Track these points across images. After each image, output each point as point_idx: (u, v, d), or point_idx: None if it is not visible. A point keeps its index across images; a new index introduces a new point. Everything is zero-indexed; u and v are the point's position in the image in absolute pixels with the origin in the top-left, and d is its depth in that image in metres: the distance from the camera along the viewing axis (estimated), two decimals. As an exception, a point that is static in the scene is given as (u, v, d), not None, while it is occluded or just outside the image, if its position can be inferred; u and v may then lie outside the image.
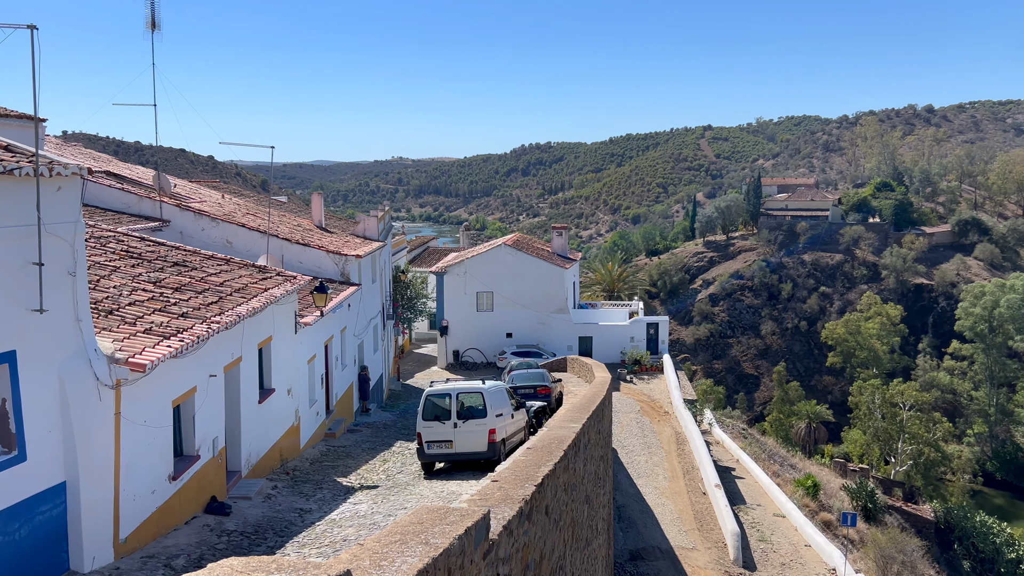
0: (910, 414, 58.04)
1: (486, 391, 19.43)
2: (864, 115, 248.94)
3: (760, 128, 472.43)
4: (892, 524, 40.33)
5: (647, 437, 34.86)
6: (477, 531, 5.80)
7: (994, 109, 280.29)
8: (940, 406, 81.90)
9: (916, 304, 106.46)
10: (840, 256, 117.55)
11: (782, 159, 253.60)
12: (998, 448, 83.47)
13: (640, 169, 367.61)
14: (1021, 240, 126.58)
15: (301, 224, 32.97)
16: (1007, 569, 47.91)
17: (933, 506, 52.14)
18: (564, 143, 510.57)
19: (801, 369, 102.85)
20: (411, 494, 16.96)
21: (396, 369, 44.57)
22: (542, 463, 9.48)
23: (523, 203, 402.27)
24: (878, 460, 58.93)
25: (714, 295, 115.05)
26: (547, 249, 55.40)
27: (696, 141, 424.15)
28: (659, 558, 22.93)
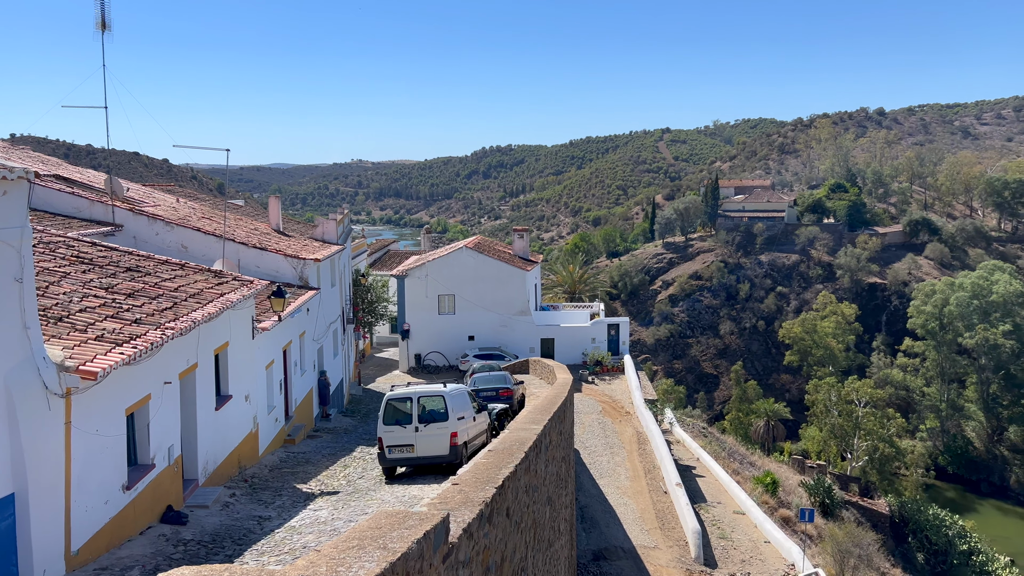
0: (865, 411, 59.26)
1: (447, 394, 19.37)
2: (818, 118, 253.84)
3: (717, 131, 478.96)
4: (849, 519, 41.14)
5: (609, 437, 35.07)
6: (436, 535, 5.77)
7: (942, 112, 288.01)
8: (894, 402, 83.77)
9: (870, 303, 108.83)
10: (796, 256, 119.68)
11: (739, 161, 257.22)
12: (949, 442, 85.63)
13: (600, 171, 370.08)
14: (969, 240, 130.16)
15: (258, 228, 32.53)
16: (959, 560, 49.18)
17: (888, 500, 53.30)
18: (525, 146, 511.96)
19: (759, 368, 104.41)
20: (372, 499, 16.83)
21: (357, 374, 44.20)
22: (503, 465, 9.47)
23: (484, 206, 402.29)
24: (835, 456, 60.07)
25: (674, 296, 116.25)
26: (508, 251, 55.45)
27: (655, 144, 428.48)
28: (622, 557, 23.07)
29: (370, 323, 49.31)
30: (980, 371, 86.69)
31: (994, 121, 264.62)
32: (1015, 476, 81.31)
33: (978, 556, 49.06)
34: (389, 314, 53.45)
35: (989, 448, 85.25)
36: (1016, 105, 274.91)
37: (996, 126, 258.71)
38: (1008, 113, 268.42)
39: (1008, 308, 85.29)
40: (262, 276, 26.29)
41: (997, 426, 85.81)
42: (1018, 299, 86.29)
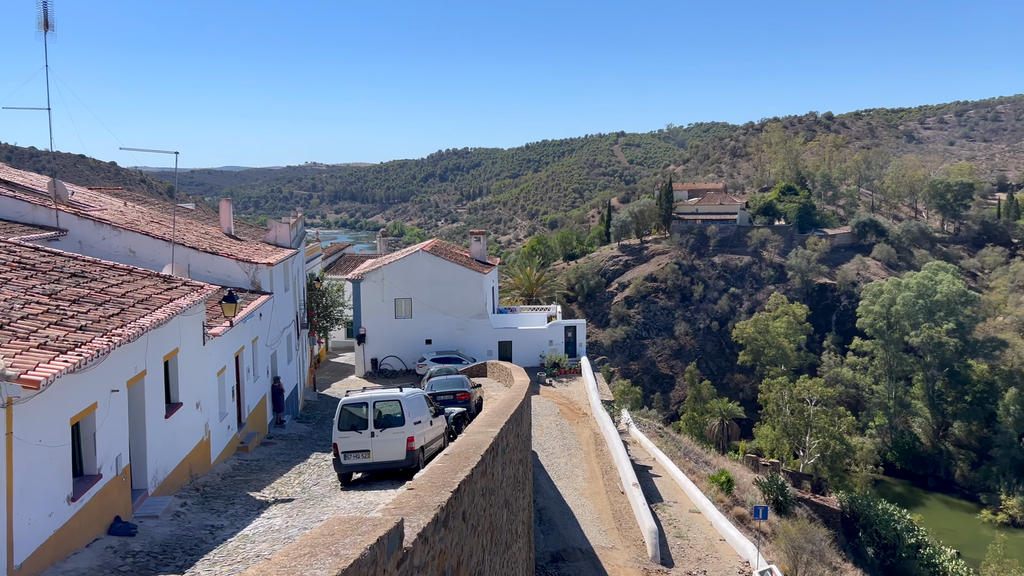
0: (816, 409, 60.46)
1: (404, 399, 19.25)
2: (769, 122, 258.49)
3: (671, 135, 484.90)
4: (802, 515, 41.90)
5: (566, 439, 35.20)
6: (390, 540, 5.72)
7: (887, 117, 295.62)
8: (844, 400, 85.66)
9: (820, 303, 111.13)
10: (748, 258, 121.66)
11: (692, 164, 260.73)
12: (897, 439, 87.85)
13: (557, 175, 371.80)
14: (914, 241, 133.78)
15: (209, 232, 31.94)
16: (908, 553, 50.41)
17: (839, 496, 54.43)
18: (481, 149, 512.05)
19: (713, 368, 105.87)
20: (327, 506, 16.63)
21: (312, 379, 43.68)
22: (459, 469, 9.44)
23: (441, 209, 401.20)
24: (788, 454, 61.16)
25: (630, 297, 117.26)
26: (466, 254, 55.35)
27: (610, 147, 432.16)
28: (580, 559, 23.16)
29: (325, 328, 48.79)
30: (926, 369, 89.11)
31: (937, 126, 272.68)
32: (960, 470, 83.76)
33: (925, 549, 50.37)
34: (345, 318, 52.94)
35: (935, 444, 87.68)
36: (957, 111, 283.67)
37: (939, 131, 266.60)
38: (950, 118, 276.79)
39: (951, 307, 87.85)
40: (213, 281, 25.83)
41: (942, 422, 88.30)
42: (960, 298, 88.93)
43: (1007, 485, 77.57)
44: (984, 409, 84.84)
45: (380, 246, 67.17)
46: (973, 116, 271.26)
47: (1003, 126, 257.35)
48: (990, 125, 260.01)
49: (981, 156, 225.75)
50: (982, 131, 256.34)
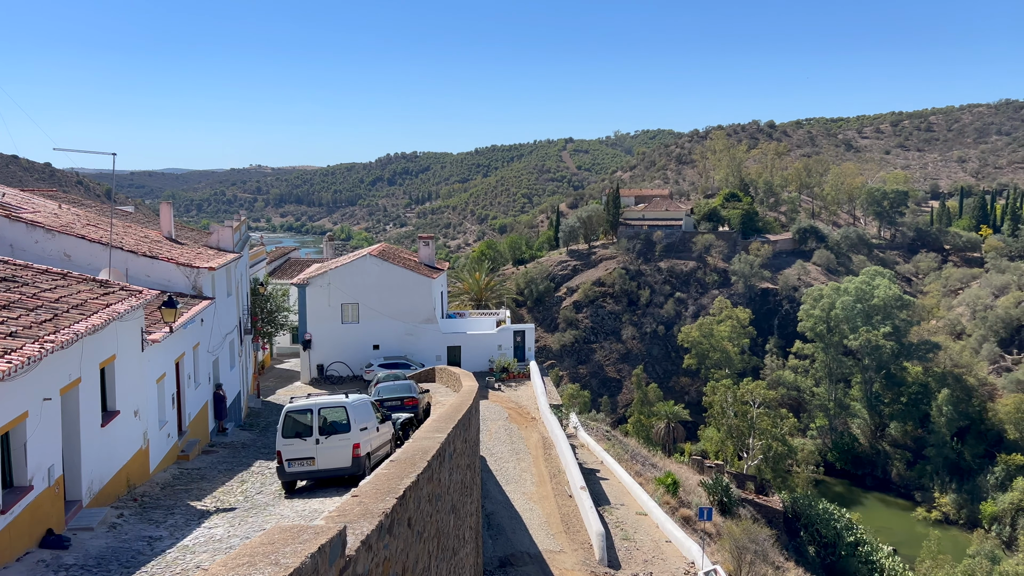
0: (759, 411, 61.65)
1: (349, 405, 19.02)
2: (713, 129, 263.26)
3: (618, 141, 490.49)
4: (746, 516, 42.65)
5: (515, 443, 35.23)
6: (332, 548, 5.64)
7: (827, 126, 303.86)
8: (786, 402, 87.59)
9: (763, 307, 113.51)
10: (693, 263, 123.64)
11: (639, 171, 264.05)
12: (837, 439, 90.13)
13: (506, 180, 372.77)
14: (853, 246, 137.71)
15: (149, 235, 31.13)
16: (847, 551, 51.72)
17: (782, 497, 55.57)
18: (430, 153, 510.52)
19: (660, 371, 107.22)
20: (271, 515, 16.33)
21: (256, 386, 42.89)
22: (405, 475, 9.36)
23: (389, 213, 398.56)
24: (732, 456, 62.19)
25: (578, 302, 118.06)
26: (414, 259, 55.03)
27: (558, 153, 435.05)
28: (528, 563, 23.17)
29: (270, 333, 47.96)
30: (864, 371, 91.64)
31: (873, 135, 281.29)
32: (896, 470, 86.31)
33: (864, 547, 51.75)
34: (290, 324, 52.12)
35: (873, 444, 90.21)
36: (893, 120, 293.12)
37: (875, 140, 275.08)
38: (886, 128, 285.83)
39: (888, 311, 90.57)
40: (152, 286, 25.19)
41: (879, 423, 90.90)
42: (896, 303, 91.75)
43: (940, 483, 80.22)
44: (919, 410, 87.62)
45: (327, 250, 66.35)
46: (907, 126, 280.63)
47: (935, 136, 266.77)
48: (923, 135, 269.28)
49: (915, 165, 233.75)
50: (916, 141, 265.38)
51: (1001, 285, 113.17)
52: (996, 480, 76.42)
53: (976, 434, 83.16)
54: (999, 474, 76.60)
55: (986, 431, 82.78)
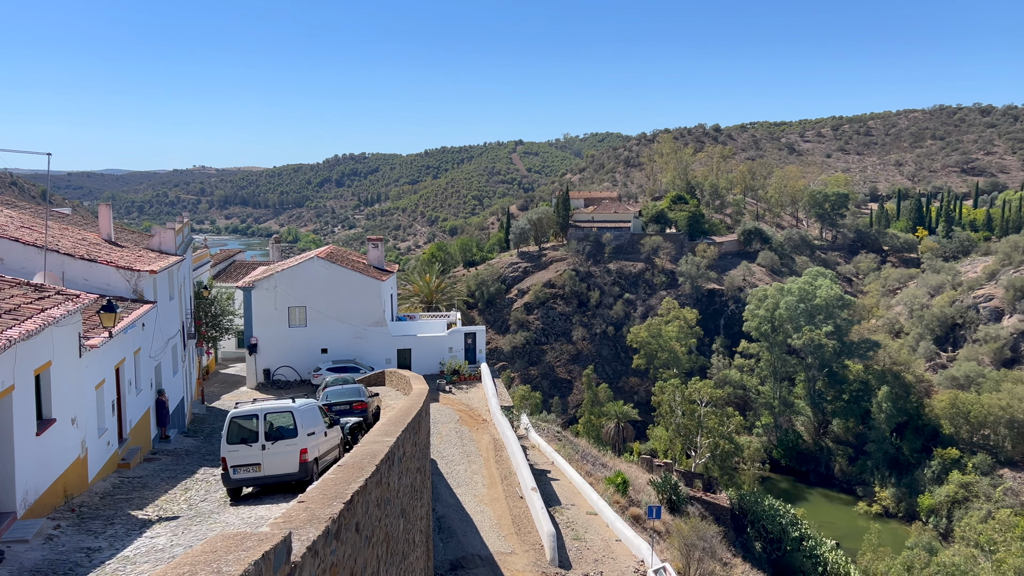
0: (706, 410, 62.63)
1: (296, 410, 18.75)
2: (660, 132, 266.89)
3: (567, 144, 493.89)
4: (694, 513, 43.27)
5: (466, 446, 35.15)
6: (277, 555, 5.54)
7: (770, 129, 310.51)
8: (732, 401, 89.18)
9: (709, 307, 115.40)
10: (642, 264, 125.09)
11: (588, 173, 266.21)
12: (782, 437, 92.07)
13: (456, 181, 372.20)
14: (796, 248, 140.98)
15: (87, 238, 30.21)
16: (792, 546, 52.86)
17: (729, 494, 56.53)
18: (379, 154, 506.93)
19: (610, 372, 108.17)
20: (216, 522, 15.99)
21: (200, 391, 41.97)
22: (353, 480, 9.25)
23: (338, 214, 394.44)
24: (680, 454, 63.07)
25: (529, 304, 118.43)
26: (363, 261, 54.50)
27: (508, 155, 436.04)
28: (479, 565, 23.12)
29: (214, 338, 46.96)
30: (807, 369, 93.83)
31: (815, 139, 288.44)
32: (838, 465, 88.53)
33: (808, 541, 52.95)
34: (235, 328, 51.12)
35: (816, 440, 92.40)
36: (833, 124, 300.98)
37: (817, 143, 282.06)
38: (827, 132, 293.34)
39: (830, 311, 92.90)
40: (91, 290, 24.46)
41: (822, 420, 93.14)
42: (838, 303, 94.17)
43: (880, 478, 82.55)
44: (860, 407, 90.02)
45: (273, 253, 65.33)
46: (847, 130, 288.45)
47: (874, 140, 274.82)
48: (863, 139, 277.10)
49: (855, 168, 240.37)
50: (856, 145, 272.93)
51: (936, 285, 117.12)
52: (933, 474, 78.96)
53: (914, 429, 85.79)
54: (935, 468, 79.17)
55: (923, 426, 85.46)
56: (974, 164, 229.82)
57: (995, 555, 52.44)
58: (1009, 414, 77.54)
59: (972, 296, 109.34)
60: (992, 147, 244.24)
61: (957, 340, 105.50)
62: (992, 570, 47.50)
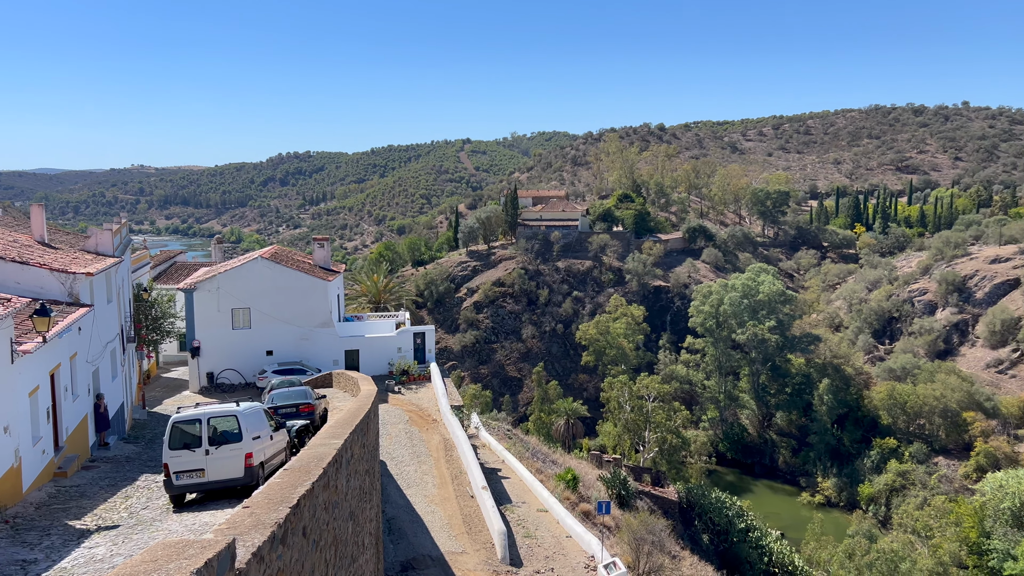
0: (654, 405, 63.46)
1: (241, 414, 18.39)
2: (607, 132, 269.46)
3: (515, 143, 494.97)
4: (643, 508, 43.76)
5: (416, 446, 34.94)
6: (220, 562, 5.41)
7: (713, 129, 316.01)
8: (679, 396, 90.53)
9: (656, 304, 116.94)
10: (590, 262, 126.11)
11: (536, 172, 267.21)
12: (727, 430, 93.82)
13: (403, 180, 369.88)
14: (739, 245, 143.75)
15: (19, 240, 29.14)
16: (738, 538, 53.82)
17: (677, 488, 57.34)
18: (324, 153, 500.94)
19: (559, 369, 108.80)
20: (158, 530, 15.60)
21: (140, 396, 40.87)
22: (299, 483, 9.10)
23: (282, 214, 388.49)
24: (629, 449, 63.80)
25: (478, 303, 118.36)
26: (308, 261, 53.73)
27: (456, 154, 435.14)
28: (430, 566, 23.01)
29: (155, 341, 45.79)
30: (751, 364, 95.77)
31: (757, 138, 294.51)
32: (782, 457, 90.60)
33: (754, 532, 54.01)
34: (177, 331, 49.92)
35: (760, 433, 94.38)
36: (774, 124, 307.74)
37: (759, 142, 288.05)
38: (768, 131, 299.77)
39: (772, 306, 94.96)
40: (23, 293, 23.61)
41: (766, 413, 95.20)
42: (780, 298, 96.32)
43: (823, 468, 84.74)
44: (802, 399, 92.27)
45: (215, 253, 63.98)
46: (788, 130, 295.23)
47: (813, 139, 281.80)
48: (802, 138, 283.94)
49: (795, 166, 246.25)
50: (796, 144, 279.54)
51: (874, 280, 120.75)
52: (872, 463, 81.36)
53: (854, 421, 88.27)
54: (875, 458, 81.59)
55: (862, 418, 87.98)
56: (908, 162, 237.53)
57: (931, 540, 54.32)
58: (943, 404, 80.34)
59: (907, 290, 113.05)
60: (925, 146, 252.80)
61: (894, 333, 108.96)
62: (928, 555, 49.15)
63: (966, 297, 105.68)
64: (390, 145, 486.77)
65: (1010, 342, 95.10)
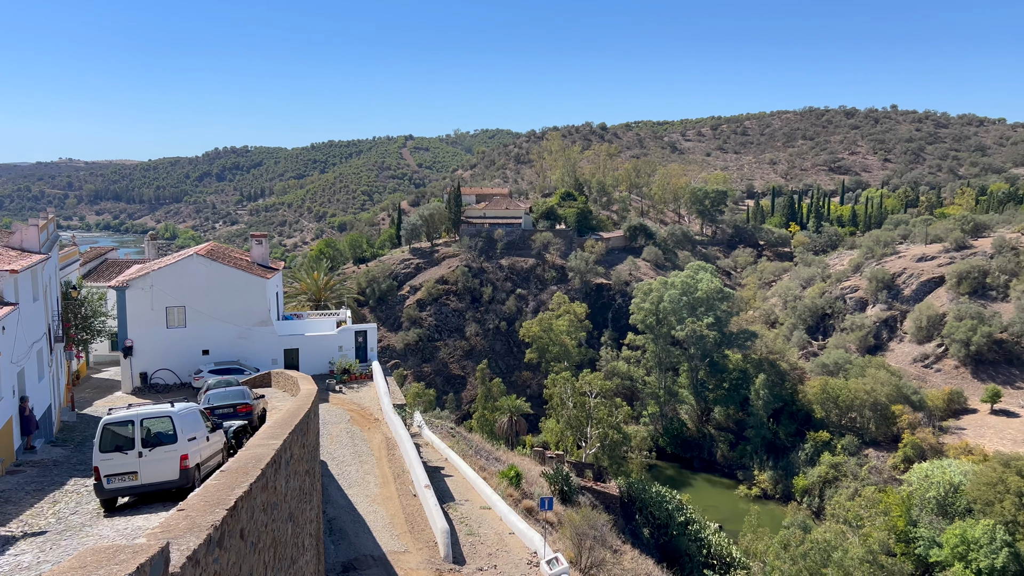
0: (596, 401, 64.07)
1: (175, 415, 17.92)
2: (549, 130, 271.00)
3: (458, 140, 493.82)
4: (585, 503, 44.17)
5: (357, 446, 34.58)
6: (153, 567, 5.25)
7: (654, 129, 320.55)
8: (620, 392, 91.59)
9: (598, 301, 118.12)
10: (533, 260, 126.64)
11: (479, 170, 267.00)
12: (667, 425, 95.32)
13: (344, 176, 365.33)
14: (678, 243, 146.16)
15: (-63, 234, 27.84)
16: (678, 531, 54.78)
17: (618, 483, 58.02)
18: (263, 148, 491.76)
19: (503, 366, 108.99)
20: (88, 535, 15.09)
21: (69, 398, 39.47)
22: (236, 485, 8.92)
23: (219, 210, 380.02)
24: (572, 445, 64.27)
25: (422, 300, 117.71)
26: (246, 259, 52.65)
27: (399, 150, 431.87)
28: (372, 566, 22.80)
29: (85, 341, 44.25)
30: (690, 360, 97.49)
31: (696, 138, 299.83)
32: (720, 451, 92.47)
33: (693, 526, 55.05)
34: (108, 330, 48.36)
35: (699, 428, 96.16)
36: (713, 124, 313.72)
37: (697, 142, 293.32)
38: (706, 131, 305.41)
39: (710, 303, 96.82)
40: (-58, 290, 22.53)
41: (705, 408, 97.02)
42: (718, 295, 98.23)
43: (759, 462, 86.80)
44: (739, 394, 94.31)
45: (149, 250, 62.24)
46: (726, 130, 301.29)
47: (750, 140, 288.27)
48: (740, 139, 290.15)
49: (733, 166, 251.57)
50: (733, 144, 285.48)
51: (808, 277, 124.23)
52: (806, 456, 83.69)
53: (789, 415, 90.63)
54: (808, 450, 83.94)
55: (797, 412, 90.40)
56: (840, 163, 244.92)
57: (862, 530, 56.18)
58: (873, 398, 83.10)
59: (840, 287, 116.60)
60: (856, 147, 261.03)
61: (827, 329, 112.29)
62: (859, 544, 50.79)
63: (894, 294, 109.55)
64: (331, 141, 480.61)
65: (935, 337, 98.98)
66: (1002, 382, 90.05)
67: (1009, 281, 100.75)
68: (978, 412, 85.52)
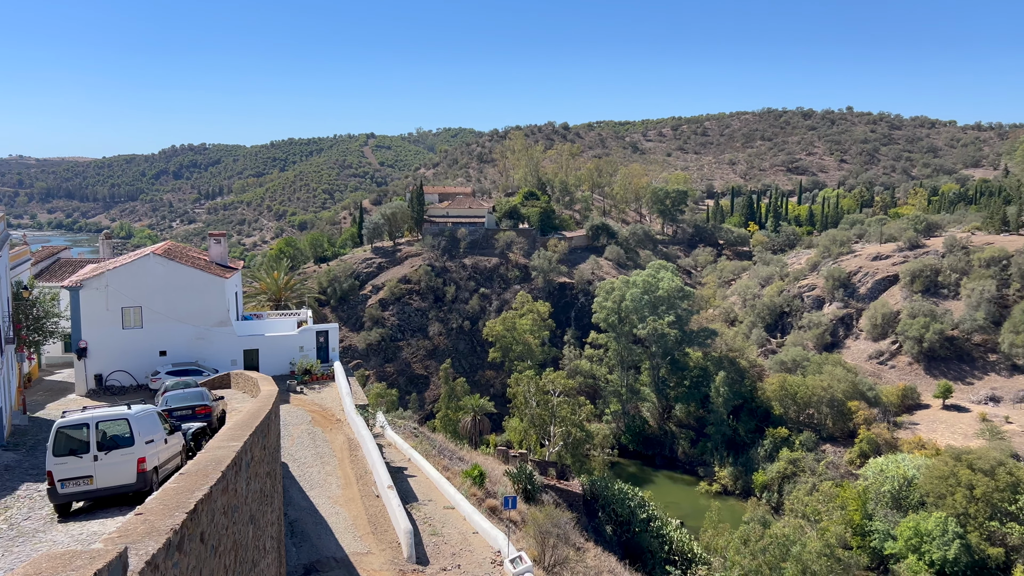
0: (559, 400, 64.30)
1: (132, 417, 17.57)
2: (512, 130, 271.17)
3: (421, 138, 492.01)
4: (548, 501, 44.34)
5: (319, 447, 34.26)
6: (111, 572, 5.15)
7: (616, 129, 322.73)
8: (583, 390, 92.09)
9: (561, 300, 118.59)
10: (496, 259, 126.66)
11: (442, 168, 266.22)
12: (629, 423, 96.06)
13: (305, 175, 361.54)
14: (640, 242, 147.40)
15: None
16: (640, 528, 55.25)
17: (581, 480, 58.33)
18: (221, 145, 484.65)
19: (466, 366, 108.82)
20: (41, 542, 14.73)
21: (21, 401, 38.45)
22: (196, 488, 8.78)
23: (176, 209, 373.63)
24: (535, 444, 64.41)
25: (384, 300, 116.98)
26: (204, 258, 51.81)
27: (360, 148, 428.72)
28: (335, 568, 22.62)
29: (37, 342, 43.15)
30: (652, 358, 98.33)
31: (657, 138, 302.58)
32: (681, 448, 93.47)
33: (655, 522, 55.56)
34: (61, 331, 47.22)
35: (661, 425, 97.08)
36: (673, 124, 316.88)
37: (658, 143, 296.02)
38: (667, 132, 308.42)
39: (671, 302, 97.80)
40: None
41: (666, 405, 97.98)
42: (679, 294, 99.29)
43: (720, 458, 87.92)
44: (700, 392, 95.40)
45: (103, 249, 60.89)
46: (686, 131, 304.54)
47: (710, 140, 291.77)
48: (700, 139, 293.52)
49: (693, 167, 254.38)
50: (693, 144, 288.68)
51: (766, 276, 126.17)
52: (765, 452, 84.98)
53: (748, 411, 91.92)
54: (768, 447, 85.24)
55: (756, 408, 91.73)
56: (798, 164, 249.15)
57: (819, 524, 57.24)
58: (830, 394, 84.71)
59: (797, 286, 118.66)
60: (813, 148, 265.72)
61: (785, 327, 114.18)
62: (817, 538, 51.74)
63: (851, 292, 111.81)
64: (291, 138, 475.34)
65: (889, 335, 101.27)
66: (953, 378, 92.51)
67: (960, 279, 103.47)
68: (931, 407, 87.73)
